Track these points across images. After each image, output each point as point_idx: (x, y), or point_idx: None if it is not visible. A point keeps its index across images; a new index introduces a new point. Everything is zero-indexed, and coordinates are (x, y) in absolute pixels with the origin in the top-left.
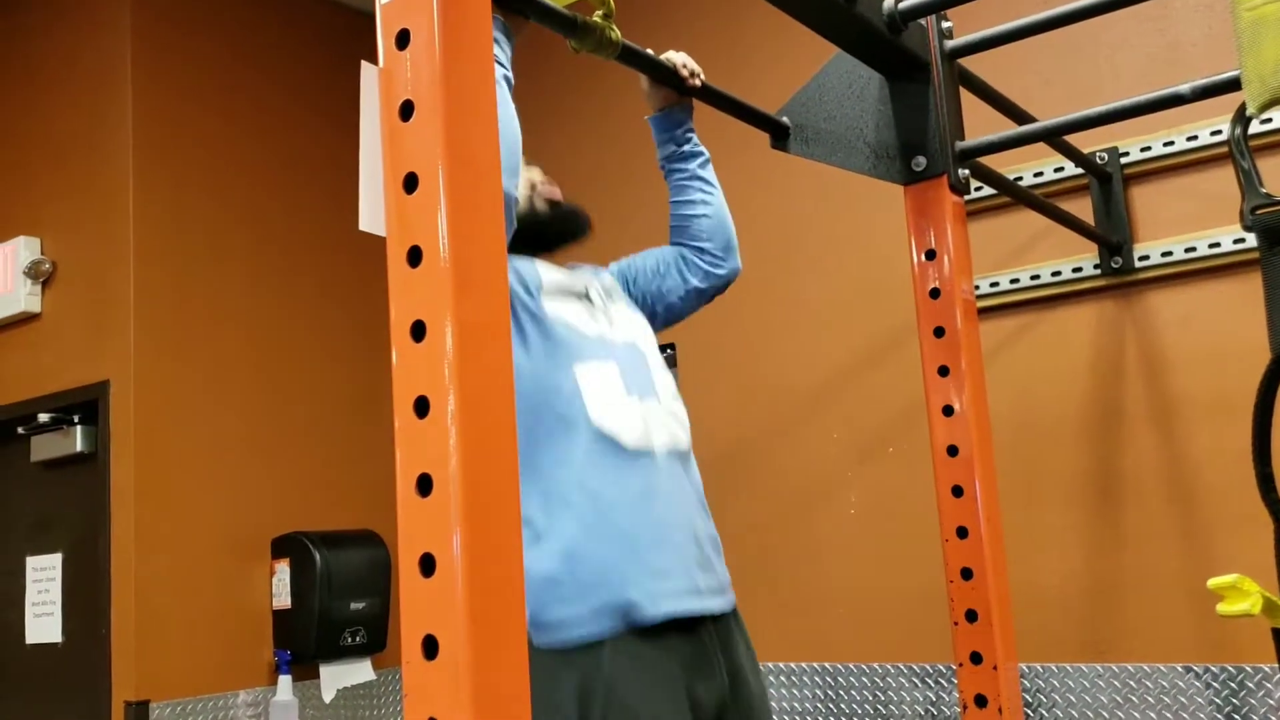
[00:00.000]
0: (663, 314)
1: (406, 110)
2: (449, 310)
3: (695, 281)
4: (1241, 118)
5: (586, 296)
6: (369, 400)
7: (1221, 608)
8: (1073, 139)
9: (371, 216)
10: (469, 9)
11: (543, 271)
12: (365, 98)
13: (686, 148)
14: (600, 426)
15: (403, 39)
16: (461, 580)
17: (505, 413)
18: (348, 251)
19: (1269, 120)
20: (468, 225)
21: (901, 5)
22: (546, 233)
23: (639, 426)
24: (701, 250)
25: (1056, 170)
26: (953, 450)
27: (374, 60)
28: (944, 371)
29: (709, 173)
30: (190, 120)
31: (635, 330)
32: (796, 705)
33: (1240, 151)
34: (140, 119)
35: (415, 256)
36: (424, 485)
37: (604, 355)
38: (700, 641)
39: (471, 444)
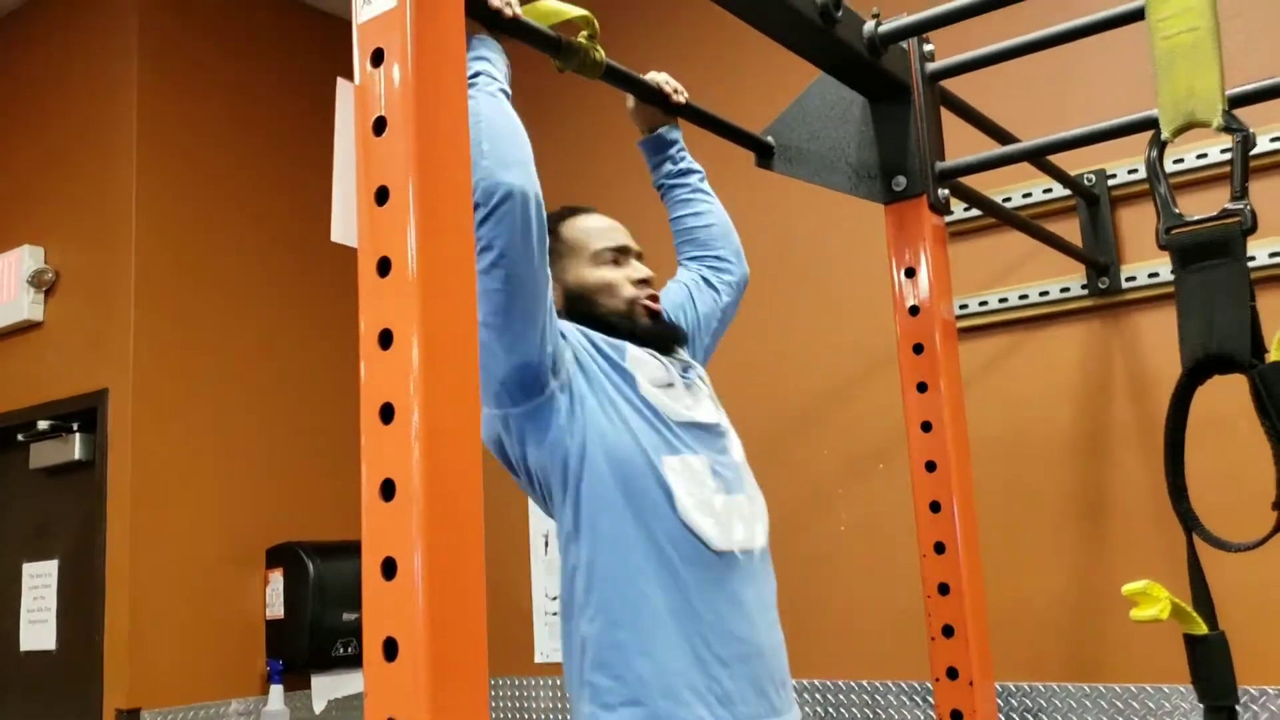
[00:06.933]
0: (708, 344)
1: (380, 125)
2: (416, 319)
3: (724, 298)
4: (1157, 142)
5: (677, 381)
6: None
7: (1134, 613)
8: (1062, 161)
9: (344, 228)
10: (442, 29)
11: (637, 358)
12: (340, 113)
13: (683, 164)
14: (686, 522)
15: (377, 57)
16: (421, 583)
17: (469, 420)
18: (347, 263)
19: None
20: (436, 237)
21: (881, 29)
22: (644, 340)
23: (724, 524)
24: (718, 258)
25: (1045, 191)
26: (930, 466)
27: (349, 77)
28: (922, 388)
29: (705, 184)
30: (194, 134)
31: (717, 411)
32: None
33: (1156, 176)
34: (144, 132)
35: (384, 267)
36: (387, 490)
37: (693, 446)
38: None
39: (434, 450)
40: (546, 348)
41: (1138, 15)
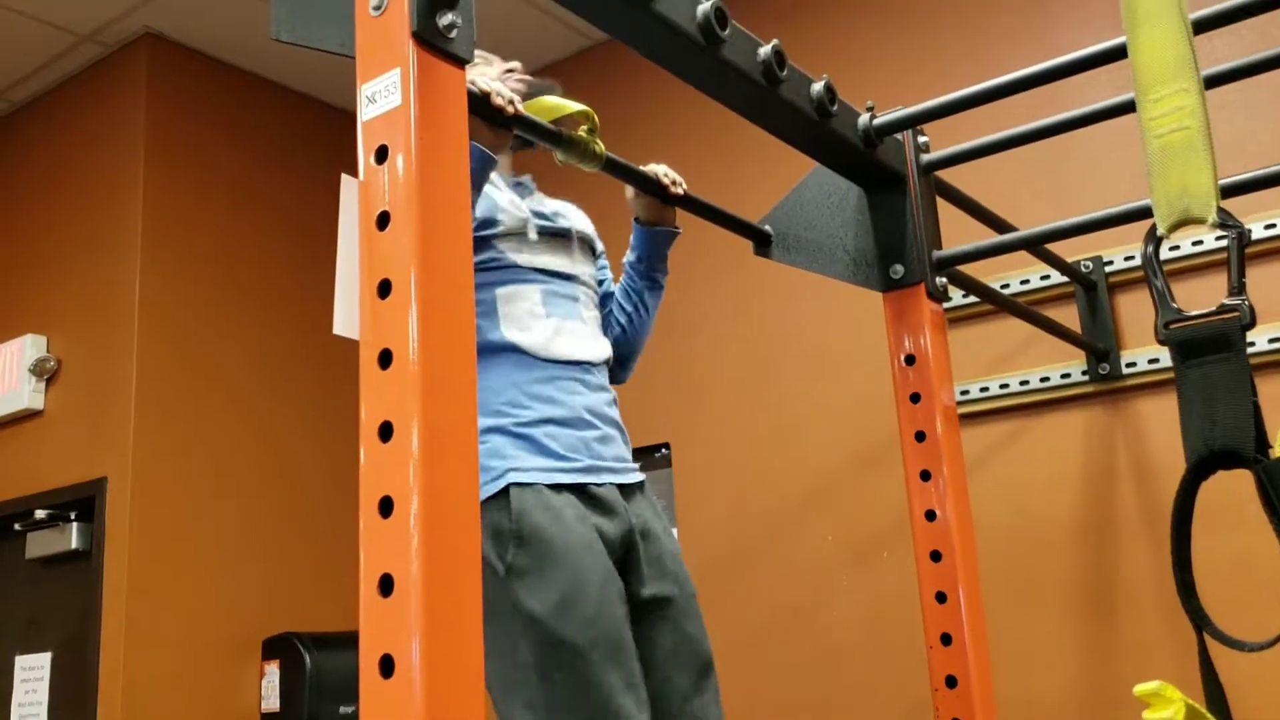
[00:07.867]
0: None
1: (383, 220)
2: (416, 412)
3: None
4: (1153, 238)
5: (531, 228)
6: None
7: (1147, 715)
8: (1059, 247)
9: (346, 320)
10: (445, 127)
11: (501, 207)
12: (344, 208)
13: (651, 270)
14: (509, 339)
15: (381, 154)
16: (420, 682)
17: (468, 516)
18: (349, 355)
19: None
20: (438, 330)
21: (876, 122)
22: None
23: (548, 339)
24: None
25: (1043, 278)
26: (936, 555)
27: (353, 168)
28: (925, 476)
29: (653, 300)
30: (197, 225)
31: (578, 267)
32: None
33: (1153, 270)
34: (149, 223)
35: (386, 359)
36: (385, 586)
37: (530, 279)
38: (602, 496)
39: (433, 544)
40: None
41: (1130, 107)
